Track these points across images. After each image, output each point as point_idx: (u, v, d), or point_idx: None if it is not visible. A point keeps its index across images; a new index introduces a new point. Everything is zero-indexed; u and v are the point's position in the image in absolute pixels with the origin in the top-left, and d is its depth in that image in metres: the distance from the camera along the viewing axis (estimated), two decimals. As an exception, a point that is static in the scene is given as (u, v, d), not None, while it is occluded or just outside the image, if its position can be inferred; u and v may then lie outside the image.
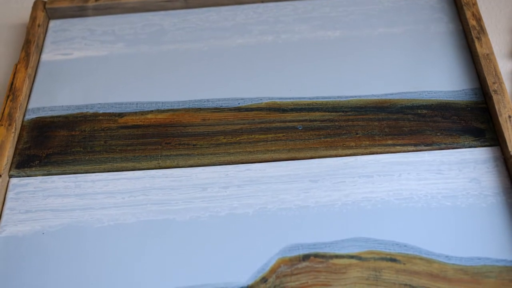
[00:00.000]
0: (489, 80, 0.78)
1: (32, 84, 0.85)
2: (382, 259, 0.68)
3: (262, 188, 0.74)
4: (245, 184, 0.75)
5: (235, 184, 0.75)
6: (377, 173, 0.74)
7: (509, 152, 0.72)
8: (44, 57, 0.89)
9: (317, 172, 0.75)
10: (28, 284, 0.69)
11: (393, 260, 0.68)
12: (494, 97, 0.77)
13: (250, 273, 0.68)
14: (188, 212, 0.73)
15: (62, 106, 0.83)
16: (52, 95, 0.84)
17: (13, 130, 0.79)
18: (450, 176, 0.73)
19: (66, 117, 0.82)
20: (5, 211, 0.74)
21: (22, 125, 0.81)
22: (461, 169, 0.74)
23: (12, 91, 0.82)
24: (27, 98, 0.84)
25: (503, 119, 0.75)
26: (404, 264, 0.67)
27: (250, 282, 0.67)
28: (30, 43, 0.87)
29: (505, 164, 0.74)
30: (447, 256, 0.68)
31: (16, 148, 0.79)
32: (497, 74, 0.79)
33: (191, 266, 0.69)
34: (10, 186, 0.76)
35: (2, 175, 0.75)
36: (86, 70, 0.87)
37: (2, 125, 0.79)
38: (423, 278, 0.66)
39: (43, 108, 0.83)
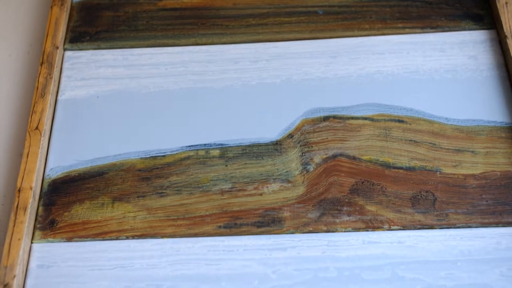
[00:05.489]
0: (490, -29, 0.88)
1: (77, -30, 0.94)
2: (391, 120, 0.80)
3: (287, 62, 0.85)
4: (273, 59, 0.85)
5: (264, 59, 0.85)
6: (388, 51, 0.85)
7: (504, 33, 0.83)
8: None
9: (335, 49, 0.86)
10: (85, 139, 0.80)
11: (400, 121, 0.80)
12: (494, -15, 0.87)
13: (278, 131, 0.80)
14: (223, 81, 0.84)
15: (106, -10, 0.92)
16: (96, -19, 0.93)
17: (65, 9, 0.88)
18: (451, 54, 0.84)
19: None
20: (63, 78, 0.84)
21: (71, 6, 0.90)
22: (461, 48, 0.85)
23: (61, -25, 0.91)
24: (74, -17, 0.93)
25: (500, 4, 0.85)
26: (410, 124, 0.79)
27: (278, 138, 0.79)
28: None
29: (500, 44, 0.84)
30: (446, 118, 0.79)
31: (68, 26, 0.89)
32: (496, -34, 0.88)
33: (228, 125, 0.80)
34: (66, 58, 0.86)
35: (59, 47, 0.85)
36: (125, -41, 0.95)
37: (55, 5, 0.88)
38: (425, 135, 0.78)
39: (89, -9, 0.92)
